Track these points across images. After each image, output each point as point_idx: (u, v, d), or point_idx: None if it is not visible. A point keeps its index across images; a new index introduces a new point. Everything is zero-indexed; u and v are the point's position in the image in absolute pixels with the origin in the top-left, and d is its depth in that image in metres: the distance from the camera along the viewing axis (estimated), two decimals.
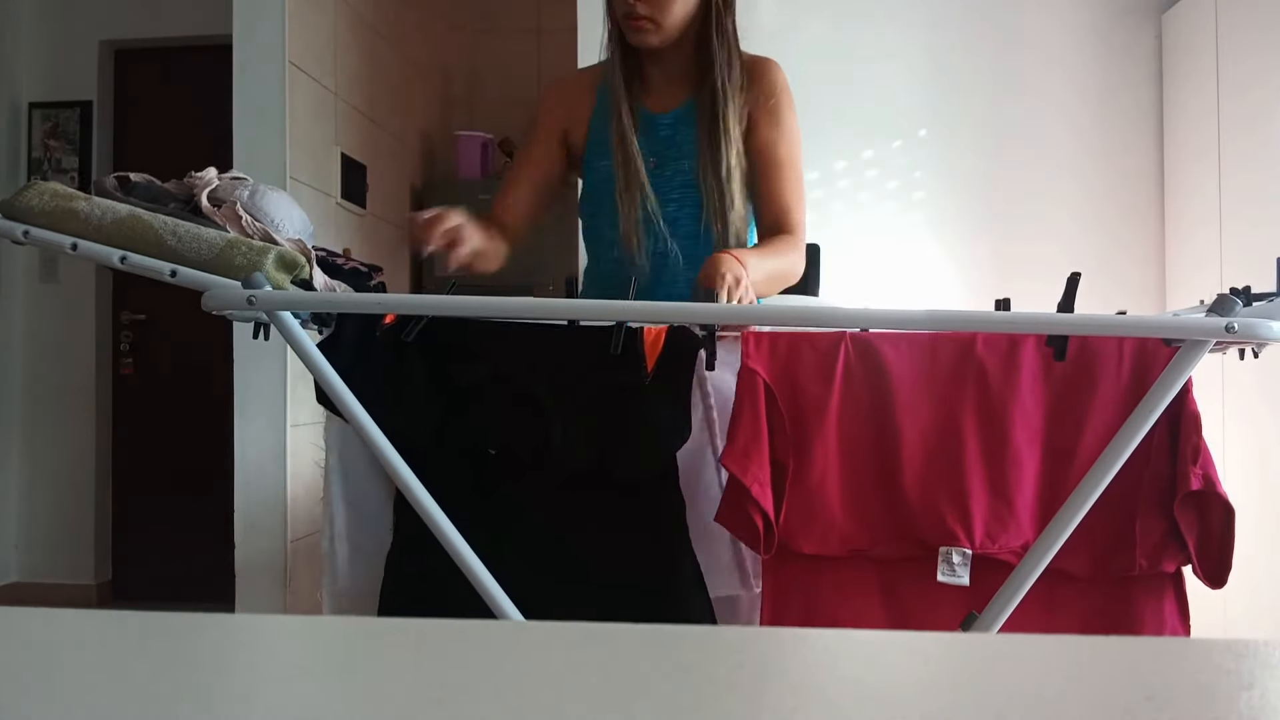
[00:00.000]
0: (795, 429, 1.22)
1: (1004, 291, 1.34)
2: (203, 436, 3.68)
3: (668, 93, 1.65)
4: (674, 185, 1.62)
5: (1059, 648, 0.42)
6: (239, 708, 0.35)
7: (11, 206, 1.24)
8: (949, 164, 3.03)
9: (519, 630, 0.48)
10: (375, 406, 1.22)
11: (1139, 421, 1.11)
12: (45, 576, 3.86)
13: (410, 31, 3.98)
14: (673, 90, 1.65)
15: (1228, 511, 1.17)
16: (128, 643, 0.44)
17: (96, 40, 3.89)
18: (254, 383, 2.83)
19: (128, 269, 1.21)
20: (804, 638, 0.45)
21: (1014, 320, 1.14)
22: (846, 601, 1.25)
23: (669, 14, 1.55)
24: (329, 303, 1.23)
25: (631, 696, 0.36)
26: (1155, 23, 2.97)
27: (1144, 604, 1.22)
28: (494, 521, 1.28)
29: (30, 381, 3.87)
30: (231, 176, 1.39)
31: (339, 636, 0.46)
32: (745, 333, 1.25)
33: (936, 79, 3.02)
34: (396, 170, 3.77)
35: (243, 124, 2.83)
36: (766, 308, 1.27)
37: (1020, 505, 1.20)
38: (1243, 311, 1.07)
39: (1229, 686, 0.37)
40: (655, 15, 1.55)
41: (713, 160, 1.57)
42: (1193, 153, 2.79)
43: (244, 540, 2.84)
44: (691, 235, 1.62)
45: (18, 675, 0.39)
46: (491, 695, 0.37)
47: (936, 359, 1.22)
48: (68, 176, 3.85)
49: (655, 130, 1.64)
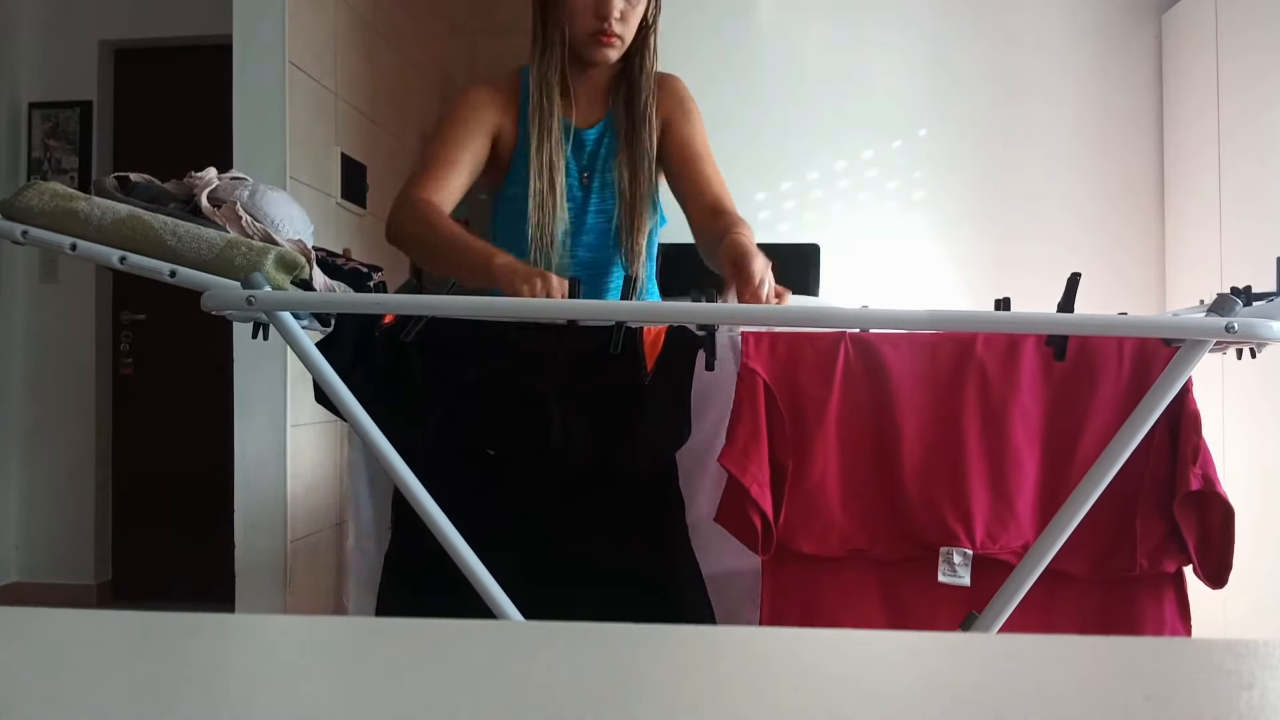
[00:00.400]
0: (795, 429, 1.22)
1: (1004, 291, 1.34)
2: (203, 436, 3.68)
3: (590, 108, 1.71)
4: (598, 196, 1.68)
5: (1059, 648, 0.42)
6: (239, 708, 0.35)
7: (11, 206, 1.24)
8: (949, 164, 3.03)
9: (519, 630, 0.48)
10: (375, 406, 1.22)
11: (1139, 421, 1.11)
12: (45, 576, 3.86)
13: (410, 31, 3.98)
14: (594, 106, 1.71)
15: (1227, 512, 1.17)
16: (128, 643, 0.44)
17: (96, 40, 3.89)
18: (254, 383, 2.83)
19: (127, 269, 1.21)
20: (804, 638, 0.45)
21: (1014, 320, 1.14)
22: (846, 601, 1.25)
23: (631, 31, 1.63)
24: (328, 303, 1.23)
25: (631, 696, 0.36)
26: (1155, 23, 2.97)
27: (1145, 604, 1.22)
28: (493, 521, 1.28)
29: (30, 381, 3.87)
30: (231, 176, 1.39)
31: (339, 636, 0.46)
32: (745, 333, 1.25)
33: (937, 79, 3.02)
34: (396, 170, 3.77)
35: (243, 124, 2.83)
36: (766, 307, 1.27)
37: (1021, 505, 1.20)
38: (1243, 311, 1.07)
39: (1229, 686, 0.37)
40: (624, 32, 1.61)
41: (634, 171, 1.65)
42: (1193, 152, 2.79)
43: (244, 540, 2.84)
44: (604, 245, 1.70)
45: (18, 675, 0.39)
46: (491, 695, 0.36)
47: (936, 359, 1.22)
48: (68, 176, 3.85)
49: (583, 145, 1.69)
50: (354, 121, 3.41)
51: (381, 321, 1.31)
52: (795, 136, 3.07)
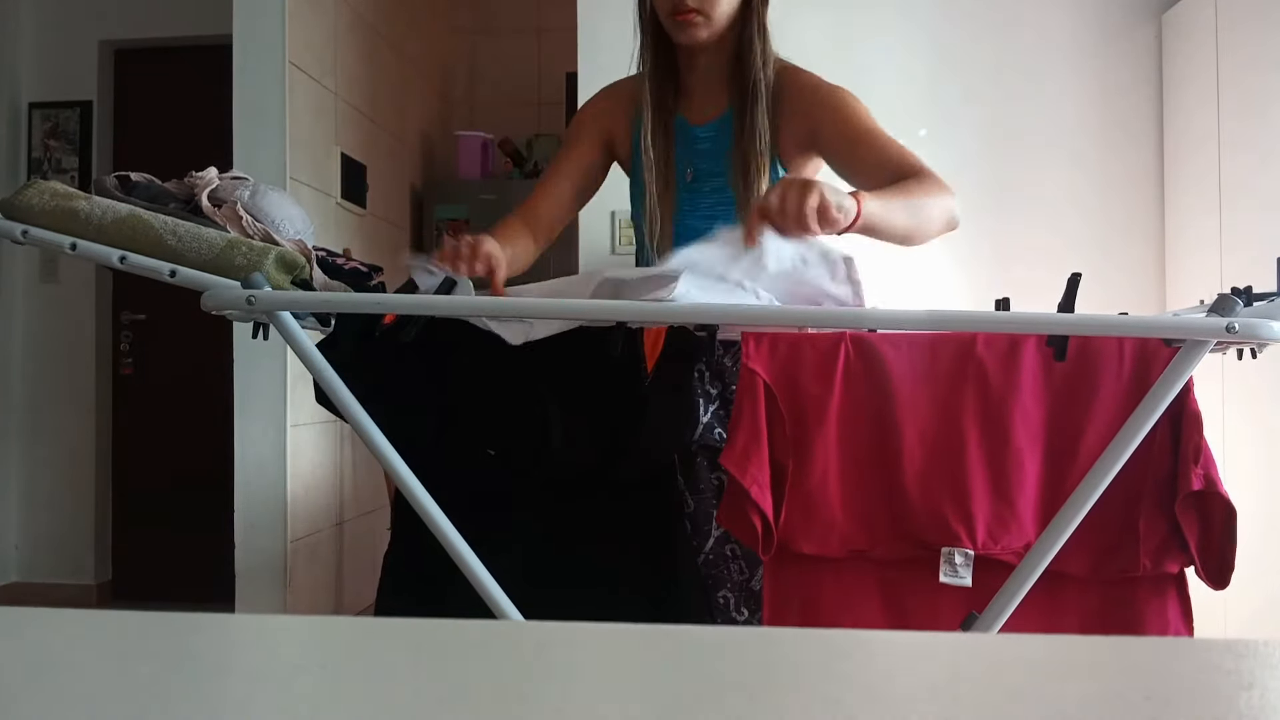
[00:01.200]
0: (795, 429, 1.22)
1: (1004, 291, 1.34)
2: (203, 436, 3.68)
3: (707, 101, 1.63)
4: (707, 197, 1.61)
5: (1059, 648, 0.42)
6: (239, 708, 0.35)
7: (12, 206, 1.24)
8: (949, 163, 3.00)
9: (519, 630, 0.48)
10: (374, 406, 1.22)
11: (1140, 421, 1.11)
12: (45, 576, 3.86)
13: (410, 31, 3.98)
14: (712, 99, 1.62)
15: (1229, 512, 1.17)
16: (128, 643, 0.44)
17: (96, 40, 3.89)
18: (254, 383, 2.83)
19: (127, 269, 1.21)
20: (804, 638, 0.45)
21: (1014, 320, 1.14)
22: (846, 603, 1.25)
23: (719, 8, 1.53)
24: (328, 303, 1.23)
25: (631, 696, 0.36)
26: (1155, 23, 2.97)
27: (1148, 606, 1.22)
28: (493, 521, 1.28)
29: (30, 381, 3.87)
30: (232, 176, 1.39)
31: (339, 636, 0.46)
32: (745, 333, 1.25)
33: (937, 78, 3.02)
34: (396, 170, 3.77)
35: (243, 124, 2.83)
36: (767, 307, 1.27)
37: (1022, 506, 1.20)
38: (1243, 311, 1.07)
39: (1229, 686, 0.37)
40: (704, 7, 1.52)
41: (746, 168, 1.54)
42: (1193, 152, 2.79)
43: (244, 540, 2.84)
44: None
45: (18, 675, 0.39)
46: (491, 695, 0.37)
47: (937, 359, 1.22)
48: (68, 176, 3.85)
49: (694, 142, 1.62)
50: (354, 121, 3.41)
51: (382, 321, 1.31)
52: None
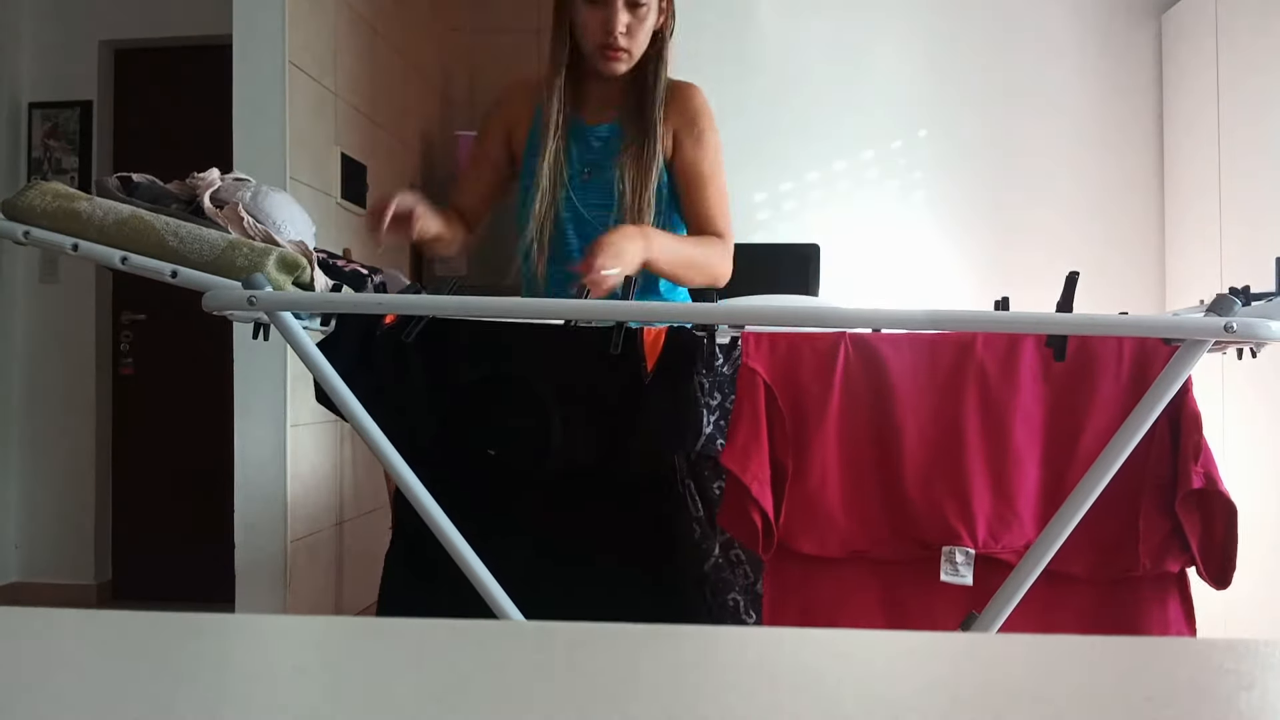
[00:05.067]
0: (795, 429, 1.22)
1: (1003, 291, 1.34)
2: (203, 436, 3.68)
3: (602, 108, 1.72)
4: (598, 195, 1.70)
5: (1059, 648, 0.42)
6: (239, 708, 0.36)
7: (13, 207, 1.24)
8: (949, 164, 3.03)
9: (519, 630, 0.48)
10: (375, 406, 1.22)
11: (1139, 420, 1.11)
12: (45, 576, 3.86)
13: (410, 31, 3.98)
14: (606, 106, 1.72)
15: (1230, 510, 1.17)
16: (128, 643, 0.44)
17: (96, 40, 3.89)
18: (254, 383, 2.83)
19: (129, 270, 1.21)
20: (804, 638, 0.45)
21: (1014, 320, 1.14)
22: (846, 602, 1.25)
23: (640, 45, 1.64)
24: (329, 303, 1.23)
25: (631, 696, 0.36)
26: (1155, 23, 2.97)
27: (1149, 606, 1.22)
28: (494, 521, 1.28)
29: (30, 381, 3.87)
30: (234, 178, 1.39)
31: (339, 636, 0.46)
32: (745, 333, 1.25)
33: (936, 79, 3.02)
34: (396, 170, 3.77)
35: (243, 124, 2.83)
36: (767, 308, 1.27)
37: (1022, 505, 1.20)
38: (1242, 311, 1.07)
39: (1229, 686, 0.37)
40: (632, 47, 1.63)
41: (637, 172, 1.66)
42: (1193, 152, 2.79)
43: (244, 540, 2.84)
44: None
45: (18, 675, 0.39)
46: (491, 695, 0.37)
47: (936, 359, 1.22)
48: (68, 176, 3.85)
49: (588, 141, 1.71)
50: (354, 121, 3.41)
51: (382, 322, 1.31)
52: (795, 137, 3.07)
